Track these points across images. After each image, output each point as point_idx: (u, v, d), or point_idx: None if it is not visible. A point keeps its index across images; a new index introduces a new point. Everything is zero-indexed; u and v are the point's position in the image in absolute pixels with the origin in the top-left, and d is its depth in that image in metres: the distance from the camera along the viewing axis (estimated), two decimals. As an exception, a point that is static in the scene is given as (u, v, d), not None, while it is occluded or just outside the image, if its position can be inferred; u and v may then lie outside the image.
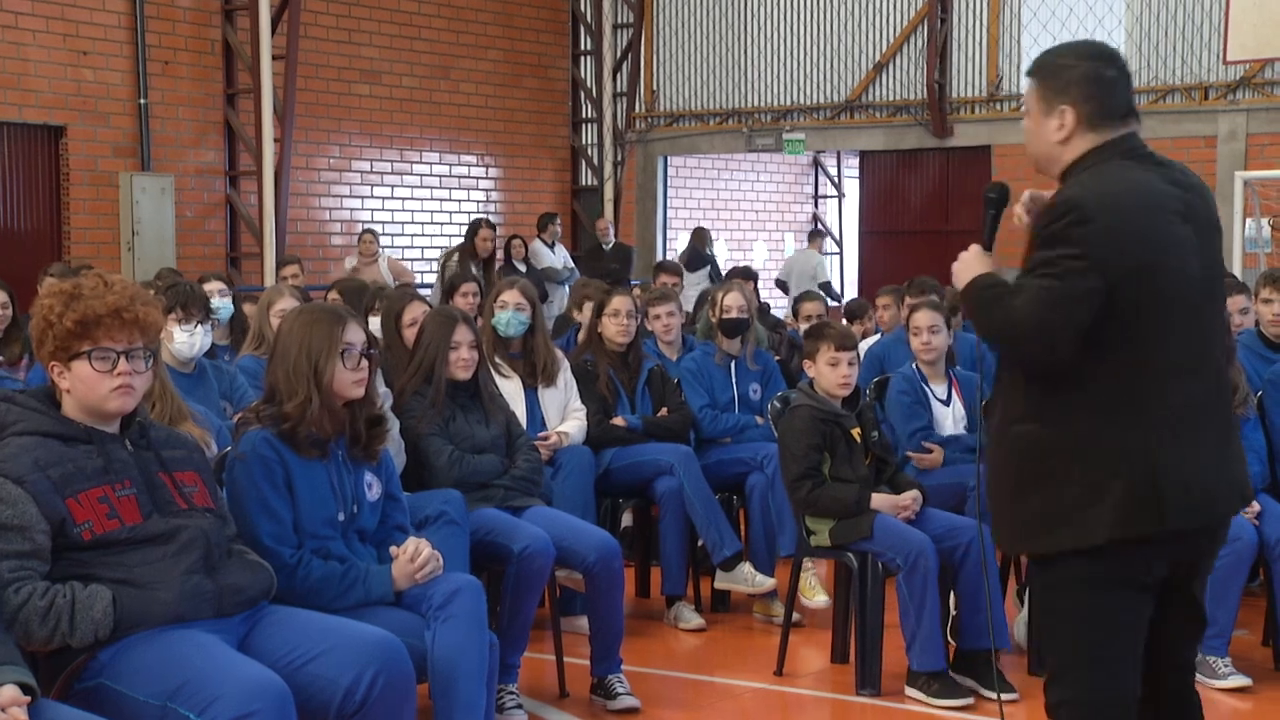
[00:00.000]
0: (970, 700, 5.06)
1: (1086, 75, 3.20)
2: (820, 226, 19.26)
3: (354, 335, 3.91)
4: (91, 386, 3.33)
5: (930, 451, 6.20)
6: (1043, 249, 3.07)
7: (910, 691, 5.13)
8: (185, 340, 5.64)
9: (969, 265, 3.25)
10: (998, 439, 3.21)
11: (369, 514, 3.95)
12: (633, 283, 12.70)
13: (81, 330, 3.31)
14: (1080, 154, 3.19)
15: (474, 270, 12.30)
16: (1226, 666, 5.19)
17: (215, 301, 6.93)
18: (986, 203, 3.37)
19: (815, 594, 6.04)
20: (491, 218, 16.31)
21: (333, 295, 7.77)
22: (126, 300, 3.35)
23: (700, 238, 15.58)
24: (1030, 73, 3.29)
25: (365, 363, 3.92)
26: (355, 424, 3.93)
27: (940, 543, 5.15)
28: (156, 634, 3.24)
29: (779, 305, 15.59)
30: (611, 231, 15.26)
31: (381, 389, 4.66)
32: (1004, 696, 5.11)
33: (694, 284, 14.95)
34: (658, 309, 7.06)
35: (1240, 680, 5.18)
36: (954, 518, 5.44)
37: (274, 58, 13.50)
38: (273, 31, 13.51)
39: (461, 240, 13.02)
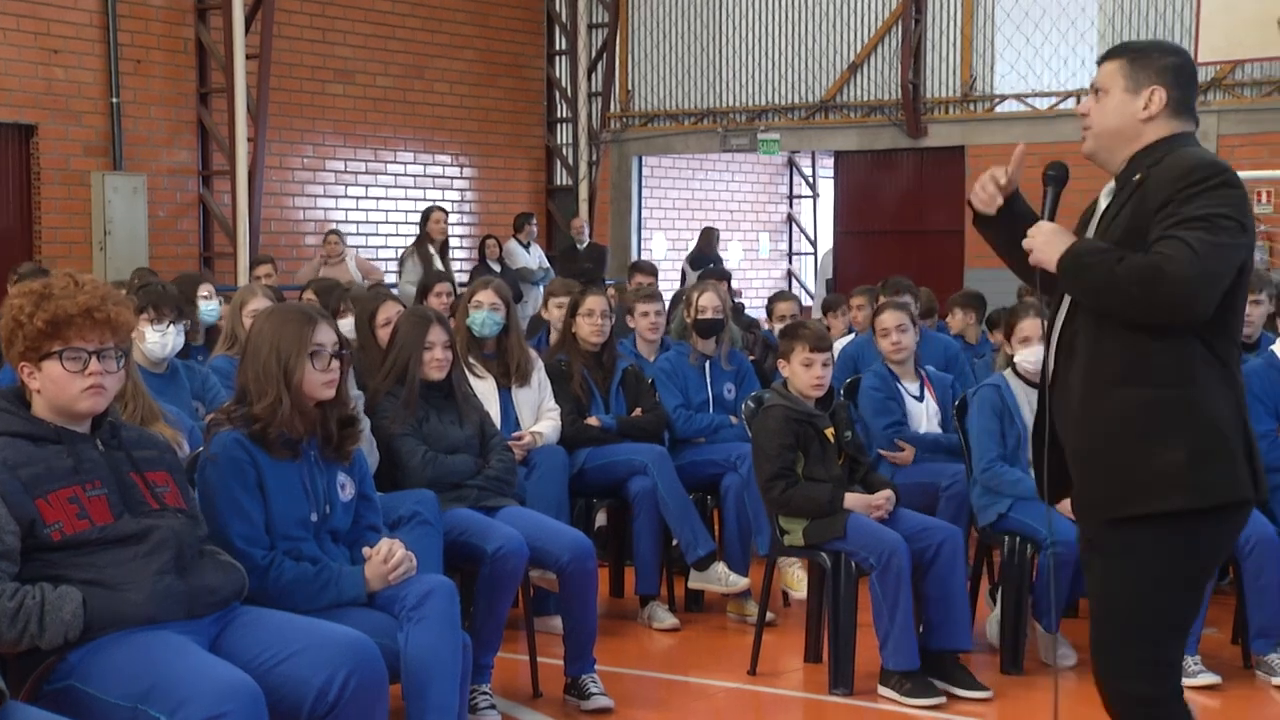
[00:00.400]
0: (943, 700, 5.07)
1: (1179, 65, 3.32)
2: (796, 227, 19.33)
3: (324, 336, 3.90)
4: (63, 387, 3.32)
5: (902, 449, 6.23)
6: (1184, 206, 3.09)
7: (883, 691, 5.14)
8: (157, 340, 5.62)
9: (1052, 239, 3.24)
10: (1095, 401, 3.21)
11: (342, 515, 3.94)
12: (607, 282, 12.72)
13: (52, 330, 3.30)
14: (1160, 137, 3.27)
15: (431, 251, 12.42)
16: (1196, 664, 5.22)
17: (204, 305, 6.92)
18: (1047, 180, 3.39)
19: (799, 585, 6.01)
20: (466, 218, 16.34)
21: (308, 295, 7.75)
22: (97, 300, 3.34)
23: (708, 238, 15.74)
24: (1113, 54, 3.34)
25: (336, 364, 3.91)
26: (327, 425, 3.92)
27: (912, 542, 5.16)
28: (127, 635, 3.23)
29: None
30: (586, 231, 15.26)
31: (353, 391, 4.65)
32: (977, 695, 5.14)
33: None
34: (645, 307, 7.07)
35: (1210, 678, 5.21)
36: (926, 518, 5.47)
37: (248, 57, 13.44)
38: (246, 30, 13.45)
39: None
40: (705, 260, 15.19)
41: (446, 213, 13.36)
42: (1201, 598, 3.23)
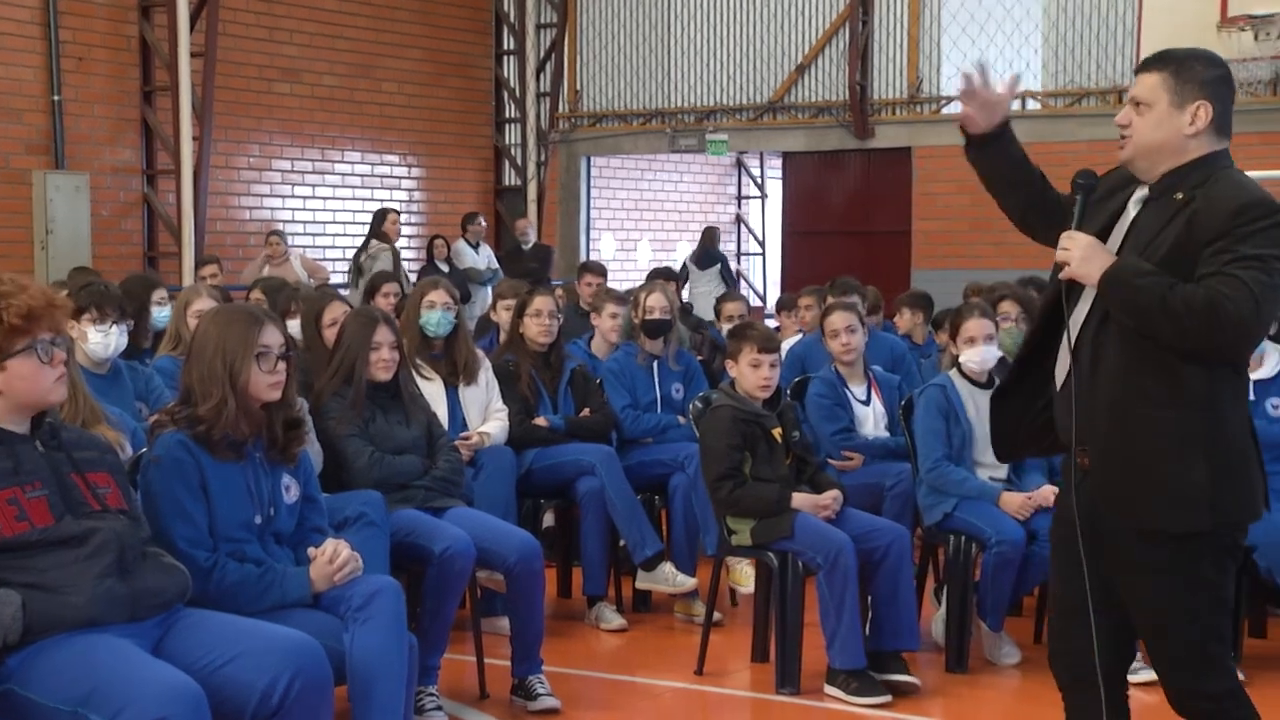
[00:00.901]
0: (889, 698, 5.10)
1: (1223, 78, 3.32)
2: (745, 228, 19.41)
3: (271, 337, 3.87)
4: (36, 381, 3.32)
5: (850, 459, 6.25)
6: (1239, 244, 3.12)
7: (830, 690, 5.16)
8: (100, 341, 5.57)
9: (1091, 255, 3.24)
10: (1125, 418, 3.24)
11: (286, 517, 3.91)
12: (554, 283, 12.71)
13: (26, 325, 3.30)
14: (1204, 154, 3.27)
15: (394, 255, 12.43)
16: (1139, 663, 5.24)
17: (157, 311, 6.85)
18: (1075, 188, 3.38)
19: (748, 580, 6.02)
20: (414, 218, 16.27)
21: (255, 295, 7.69)
22: (47, 293, 3.39)
23: (711, 237, 15.88)
24: (1155, 65, 3.32)
25: (283, 365, 3.88)
26: (273, 426, 3.89)
27: (859, 543, 5.19)
28: (67, 638, 3.19)
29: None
30: (531, 231, 15.27)
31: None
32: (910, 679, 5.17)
33: (704, 281, 15.30)
34: (615, 308, 7.06)
35: (1150, 675, 5.25)
36: (874, 518, 5.49)
37: (192, 55, 13.32)
38: (191, 29, 13.33)
39: (371, 238, 13.07)
40: (710, 258, 15.61)
41: (399, 214, 13.52)
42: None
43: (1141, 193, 3.35)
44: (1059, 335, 3.41)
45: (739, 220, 20.06)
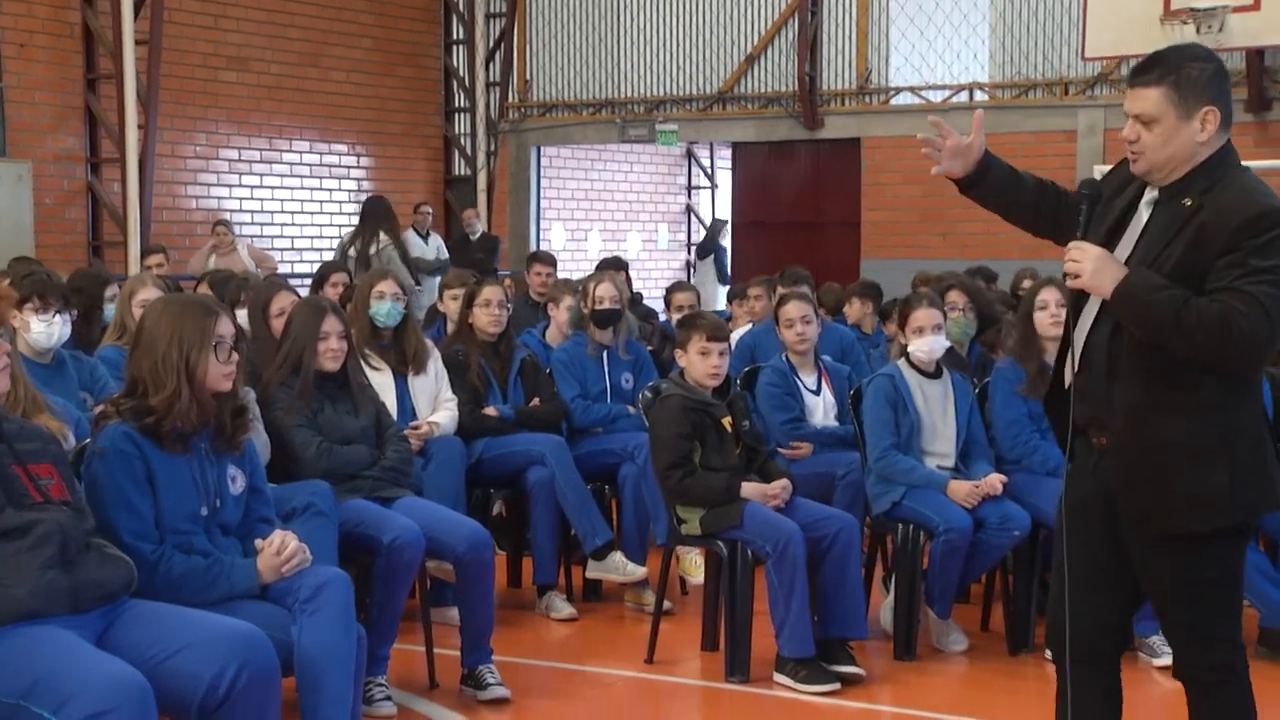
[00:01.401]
0: (837, 686, 5.12)
1: (1219, 72, 3.32)
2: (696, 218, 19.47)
3: (225, 328, 3.86)
4: None
5: (799, 448, 6.27)
6: (1251, 257, 3.15)
7: (778, 678, 5.18)
8: (43, 330, 5.51)
9: (1102, 267, 3.26)
10: (1147, 424, 3.29)
11: (232, 508, 3.89)
12: (501, 273, 12.69)
13: None
14: (1212, 153, 3.30)
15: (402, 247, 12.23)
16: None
17: (110, 309, 6.78)
18: (1080, 198, 3.39)
19: (697, 571, 6.04)
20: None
21: (203, 287, 7.63)
22: None
23: (715, 229, 16.03)
24: (1151, 79, 3.29)
25: (235, 355, 3.87)
26: (220, 415, 3.87)
27: (808, 531, 5.21)
28: (9, 631, 3.16)
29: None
30: (478, 222, 15.23)
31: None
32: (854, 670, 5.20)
33: (702, 271, 15.49)
34: (572, 300, 7.06)
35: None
36: (823, 507, 5.52)
37: (137, 42, 13.18)
38: (135, 15, 13.18)
39: (355, 228, 12.40)
40: (706, 249, 16.16)
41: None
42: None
43: (1152, 194, 3.37)
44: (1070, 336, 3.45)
45: (689, 210, 20.08)
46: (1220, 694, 3.40)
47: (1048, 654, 5.23)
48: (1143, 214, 3.38)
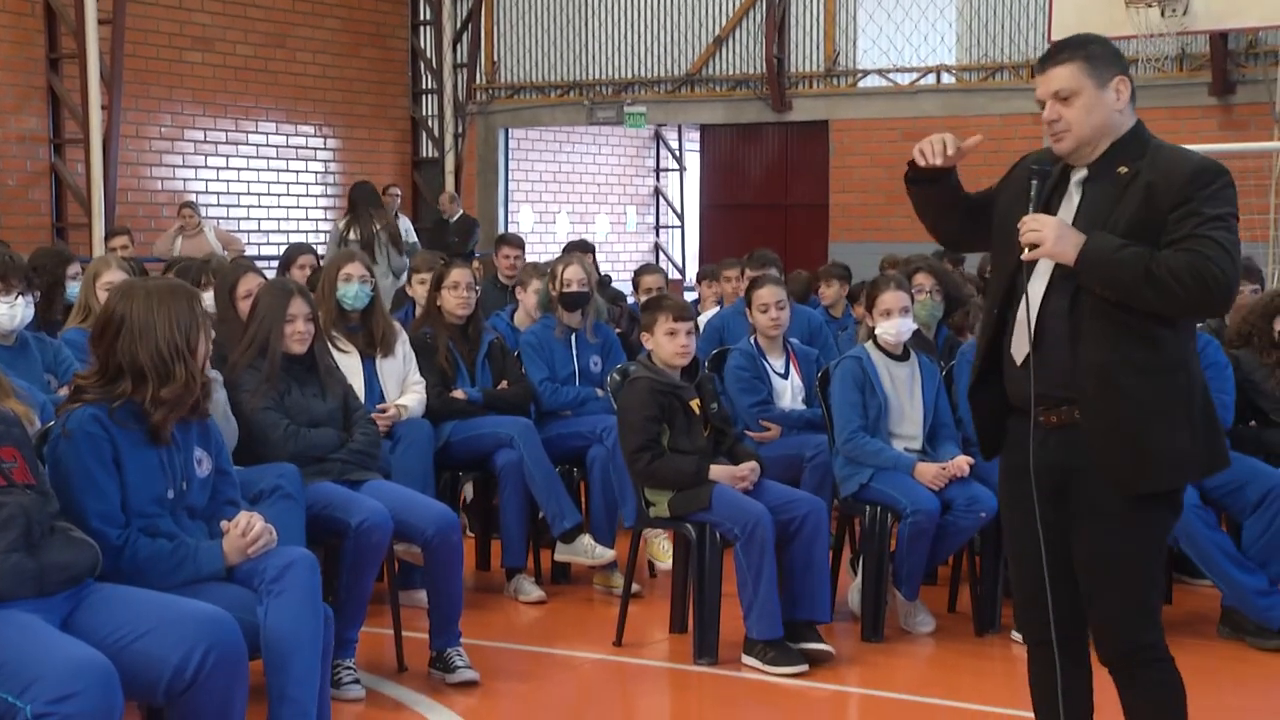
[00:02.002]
0: (805, 667, 5.14)
1: (1121, 53, 3.43)
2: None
3: (204, 308, 3.86)
4: None
5: (768, 429, 6.29)
6: (1204, 206, 3.24)
7: (747, 660, 5.20)
8: (6, 312, 5.47)
9: (1064, 234, 3.30)
10: (1115, 385, 3.31)
11: (198, 491, 3.86)
12: (477, 255, 12.65)
13: None
14: (1129, 127, 3.39)
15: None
16: None
17: (73, 286, 6.73)
18: (1032, 174, 3.42)
19: (666, 556, 6.05)
20: (330, 189, 16.11)
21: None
22: None
23: None
24: (1063, 57, 3.38)
25: (212, 334, 3.87)
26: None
27: (777, 514, 5.22)
28: (-27, 615, 3.14)
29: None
30: (455, 205, 15.16)
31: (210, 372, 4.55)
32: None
33: None
34: (539, 284, 7.03)
35: None
36: (791, 490, 5.53)
37: (100, 22, 13.06)
38: (98, -6, 13.10)
39: (347, 216, 12.17)
40: None
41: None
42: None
43: (1080, 174, 3.42)
44: (1010, 315, 3.46)
45: (657, 193, 20.07)
46: (1154, 674, 3.40)
47: (1015, 635, 5.31)
48: (1074, 194, 3.43)
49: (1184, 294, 3.22)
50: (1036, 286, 3.40)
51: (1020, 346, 3.44)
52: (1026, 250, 3.33)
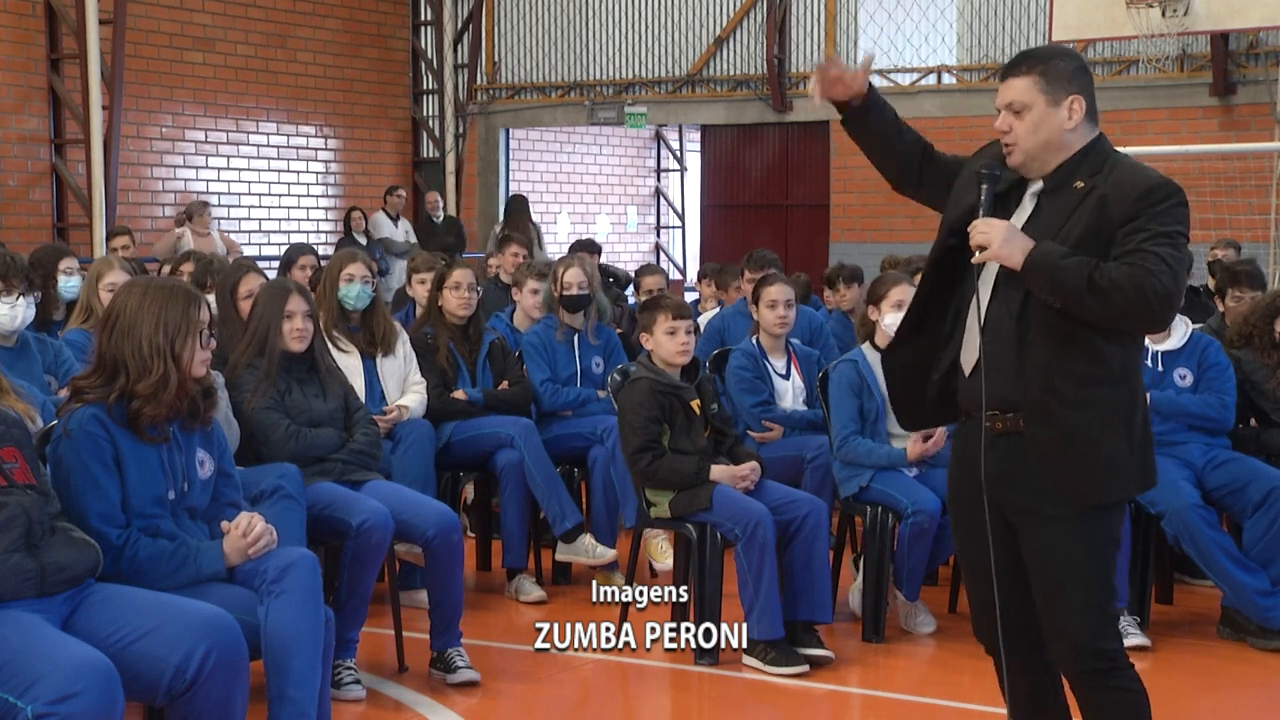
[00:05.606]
0: (806, 668, 5.14)
1: (1083, 69, 3.45)
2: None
3: (205, 314, 3.84)
4: None
5: (770, 429, 6.28)
6: (1151, 223, 3.27)
7: (748, 660, 5.20)
8: (7, 313, 5.47)
9: (1011, 238, 3.32)
10: (1061, 398, 3.33)
11: (200, 492, 3.87)
12: (474, 255, 12.66)
13: None
14: (1085, 143, 3.40)
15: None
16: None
17: (65, 281, 6.74)
18: (980, 178, 3.43)
19: (665, 556, 6.06)
20: (330, 189, 16.12)
21: (186, 267, 7.62)
22: None
23: None
24: (1020, 70, 3.40)
25: (212, 341, 3.86)
26: (194, 399, 3.85)
27: (778, 514, 5.22)
28: (-27, 615, 3.14)
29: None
30: (441, 206, 15.22)
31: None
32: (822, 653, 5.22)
33: None
34: (536, 284, 7.03)
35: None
36: (792, 490, 5.53)
37: (101, 22, 13.06)
38: (99, -6, 13.10)
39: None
40: None
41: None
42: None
43: (1036, 186, 3.44)
44: (945, 307, 3.50)
45: (658, 193, 20.07)
46: (1114, 682, 3.38)
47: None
48: (1027, 205, 3.45)
49: (1124, 304, 3.24)
50: (984, 289, 3.42)
51: (969, 356, 3.46)
52: (977, 253, 3.35)
